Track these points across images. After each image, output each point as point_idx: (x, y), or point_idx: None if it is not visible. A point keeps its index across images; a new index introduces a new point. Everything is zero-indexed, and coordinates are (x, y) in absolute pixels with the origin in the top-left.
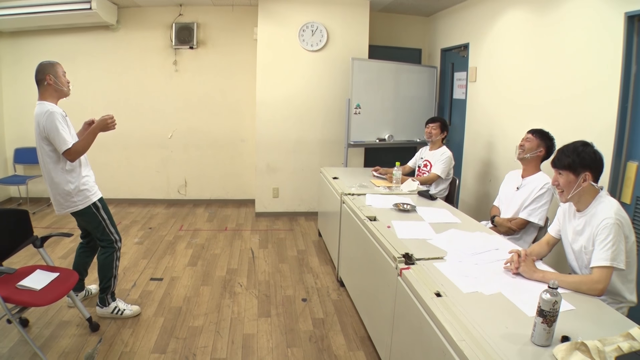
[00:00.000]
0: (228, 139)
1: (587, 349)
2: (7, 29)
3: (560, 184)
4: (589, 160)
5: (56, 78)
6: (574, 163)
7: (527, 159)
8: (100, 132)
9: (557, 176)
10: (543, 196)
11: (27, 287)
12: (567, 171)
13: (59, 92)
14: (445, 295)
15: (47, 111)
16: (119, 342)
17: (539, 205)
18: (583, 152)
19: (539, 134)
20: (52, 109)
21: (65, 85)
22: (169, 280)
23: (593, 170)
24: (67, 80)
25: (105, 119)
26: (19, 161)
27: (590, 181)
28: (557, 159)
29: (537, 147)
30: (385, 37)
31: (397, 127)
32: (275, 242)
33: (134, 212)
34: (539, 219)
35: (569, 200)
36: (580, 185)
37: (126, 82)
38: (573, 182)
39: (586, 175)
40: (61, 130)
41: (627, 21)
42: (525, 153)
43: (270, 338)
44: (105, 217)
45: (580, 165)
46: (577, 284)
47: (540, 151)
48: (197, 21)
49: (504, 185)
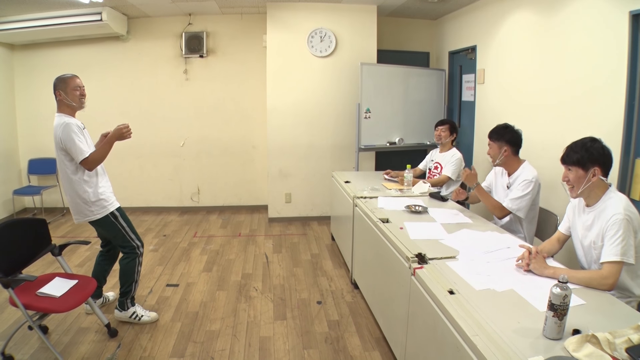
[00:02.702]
0: (240, 146)
1: (597, 341)
2: (20, 42)
3: (570, 179)
4: (597, 155)
5: (65, 93)
6: (582, 158)
7: (501, 162)
8: (116, 141)
9: (566, 172)
10: (525, 187)
11: (47, 294)
12: (577, 167)
13: (70, 106)
14: (458, 293)
15: (63, 123)
16: (138, 347)
17: (518, 195)
18: (591, 148)
19: (495, 136)
20: (68, 120)
21: (76, 99)
22: (184, 286)
23: (602, 165)
24: (80, 94)
25: (121, 128)
26: (33, 172)
27: (600, 176)
28: (566, 155)
29: (499, 149)
30: (393, 41)
31: (407, 130)
32: (288, 246)
33: (147, 220)
34: (517, 209)
35: (579, 195)
36: (589, 180)
37: (138, 91)
38: (582, 177)
39: (595, 170)
40: (77, 141)
41: (631, 20)
42: (494, 160)
43: (286, 340)
44: (125, 225)
45: (589, 161)
46: (587, 280)
47: (505, 150)
48: (206, 30)
49: (495, 185)
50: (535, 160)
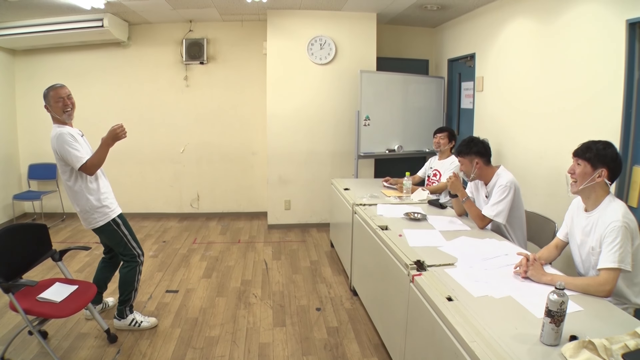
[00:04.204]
0: (239, 153)
1: (594, 347)
2: (21, 47)
3: (576, 173)
4: (609, 158)
5: (50, 106)
6: (594, 157)
7: (476, 175)
8: (112, 142)
9: (575, 165)
10: (501, 192)
11: (47, 299)
12: (586, 162)
13: (58, 117)
14: (456, 300)
15: (57, 133)
16: (137, 353)
17: (494, 201)
18: (606, 149)
19: (464, 151)
20: (61, 130)
21: (59, 111)
22: (184, 292)
23: (610, 169)
24: (63, 105)
25: (115, 129)
26: (33, 177)
27: (605, 178)
28: (581, 150)
29: (470, 163)
30: (392, 49)
31: (406, 138)
32: (288, 253)
33: (147, 226)
34: (495, 214)
35: (578, 192)
36: (594, 180)
37: (138, 97)
38: (589, 174)
39: (602, 172)
40: (71, 148)
41: (628, 28)
42: (468, 176)
43: (285, 347)
44: (127, 233)
45: (600, 161)
46: (584, 286)
47: (477, 162)
48: (207, 37)
49: (477, 197)
50: (534, 167)
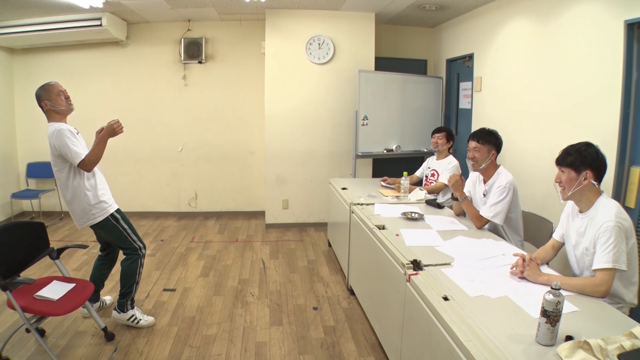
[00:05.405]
0: (237, 152)
1: (590, 347)
2: (20, 46)
3: (562, 181)
4: (590, 159)
5: (51, 101)
6: (575, 161)
7: (485, 166)
8: (109, 137)
9: (560, 173)
10: (500, 193)
11: (44, 297)
12: (569, 168)
13: (60, 112)
14: (452, 299)
15: (55, 130)
16: (134, 351)
17: (493, 201)
18: (585, 152)
19: (486, 138)
20: (59, 127)
21: (63, 103)
22: (181, 291)
23: (594, 169)
24: (65, 97)
25: (112, 124)
26: (32, 175)
27: (591, 180)
28: (561, 157)
29: (488, 152)
30: (391, 48)
31: (404, 138)
32: (285, 252)
33: (145, 225)
34: (493, 215)
35: (569, 198)
36: (580, 183)
37: (136, 96)
38: (574, 179)
39: (587, 174)
40: (71, 144)
41: (626, 29)
42: (479, 165)
43: (282, 346)
44: (126, 227)
45: (582, 164)
46: (580, 287)
47: (493, 154)
48: (205, 36)
49: (473, 194)
50: (531, 168)
